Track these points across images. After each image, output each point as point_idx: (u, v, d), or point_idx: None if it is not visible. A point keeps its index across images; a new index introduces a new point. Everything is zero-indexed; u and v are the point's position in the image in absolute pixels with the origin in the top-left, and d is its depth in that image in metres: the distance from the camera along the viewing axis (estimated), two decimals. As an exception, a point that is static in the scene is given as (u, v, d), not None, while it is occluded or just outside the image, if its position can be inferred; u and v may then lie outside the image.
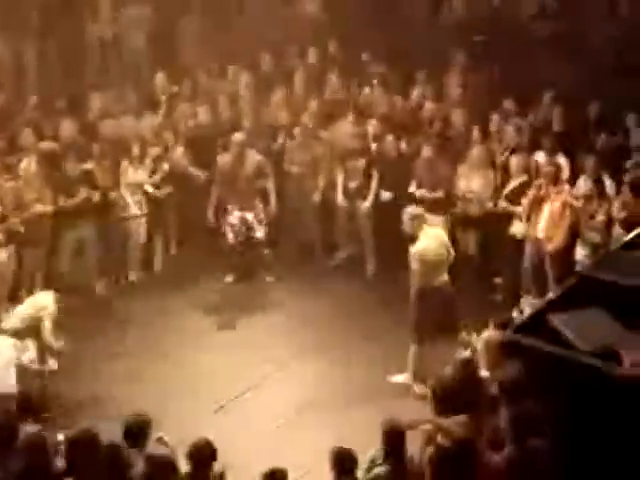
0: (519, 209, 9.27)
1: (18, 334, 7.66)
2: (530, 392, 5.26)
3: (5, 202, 9.07)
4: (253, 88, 11.20)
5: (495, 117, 10.17)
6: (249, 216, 9.84)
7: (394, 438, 5.46)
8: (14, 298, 9.24)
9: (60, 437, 5.58)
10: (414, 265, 7.94)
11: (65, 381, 7.91)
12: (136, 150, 9.99)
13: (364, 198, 10.18)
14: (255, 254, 10.08)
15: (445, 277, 8.06)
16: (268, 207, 9.99)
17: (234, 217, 9.83)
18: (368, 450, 5.59)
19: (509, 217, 9.44)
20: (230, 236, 9.87)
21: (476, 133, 9.99)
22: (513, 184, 9.45)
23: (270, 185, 10.03)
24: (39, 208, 9.18)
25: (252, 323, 9.34)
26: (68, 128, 10.02)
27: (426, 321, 7.89)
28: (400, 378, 8.11)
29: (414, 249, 7.93)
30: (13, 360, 7.38)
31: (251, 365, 8.41)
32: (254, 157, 9.95)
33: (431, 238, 7.99)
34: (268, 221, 9.97)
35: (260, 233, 9.89)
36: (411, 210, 8.21)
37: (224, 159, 9.94)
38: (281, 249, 10.55)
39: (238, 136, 9.95)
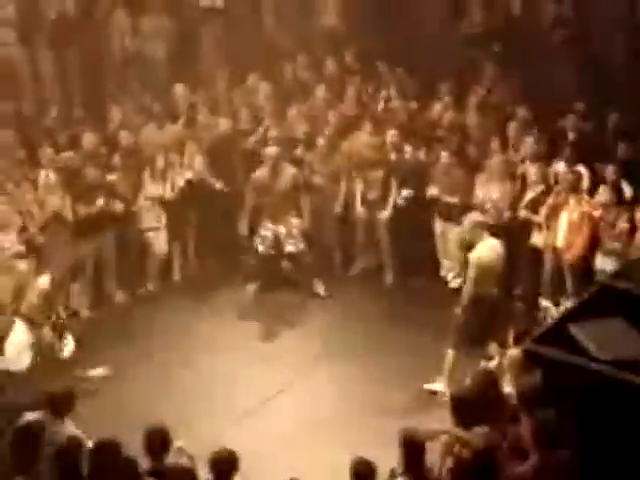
0: (538, 218, 9.25)
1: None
2: (550, 402, 5.25)
3: (26, 213, 9.15)
4: (272, 99, 11.23)
5: (513, 126, 10.17)
6: (282, 230, 9.85)
7: (413, 449, 5.44)
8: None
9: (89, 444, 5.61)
10: (470, 271, 8.03)
11: (84, 388, 7.92)
12: (159, 162, 10.04)
13: (383, 208, 10.18)
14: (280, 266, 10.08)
15: (495, 288, 8.13)
16: (301, 221, 9.99)
17: (266, 230, 9.86)
18: (385, 462, 5.57)
19: (528, 227, 9.42)
20: (260, 248, 9.86)
21: (495, 143, 9.99)
22: (531, 194, 9.44)
23: (304, 198, 10.05)
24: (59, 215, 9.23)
25: (270, 332, 9.35)
26: (90, 139, 10.09)
27: (473, 326, 7.97)
28: (436, 386, 8.10)
29: (472, 255, 8.04)
30: (29, 341, 7.53)
31: (270, 374, 8.42)
32: (289, 170, 9.96)
33: (489, 247, 8.11)
34: (301, 235, 9.93)
35: (292, 247, 9.86)
36: (474, 217, 8.31)
37: (260, 172, 9.92)
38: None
39: (272, 149, 9.94)
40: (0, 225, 8.84)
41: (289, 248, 9.84)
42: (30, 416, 5.96)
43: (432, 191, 9.92)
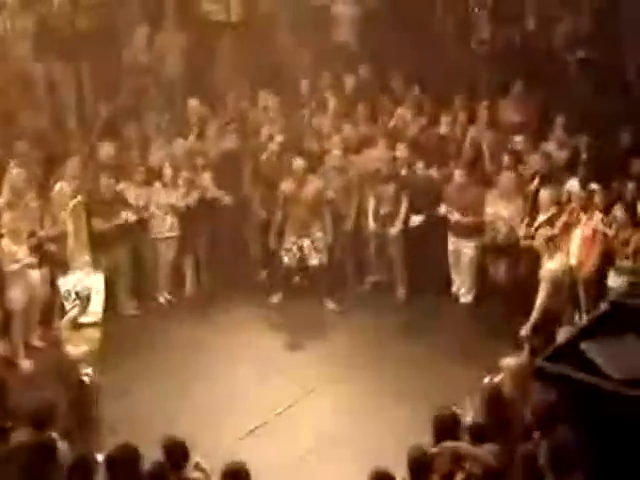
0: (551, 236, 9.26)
1: None
2: (563, 420, 5.22)
3: (39, 223, 9.20)
4: (285, 113, 11.27)
5: (520, 143, 10.17)
6: (306, 242, 9.90)
7: (419, 466, 5.41)
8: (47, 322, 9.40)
9: (99, 458, 5.59)
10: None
11: (99, 402, 7.93)
12: (168, 172, 10.11)
13: (394, 224, 10.19)
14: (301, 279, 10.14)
15: None
16: (326, 235, 10.03)
17: (290, 242, 9.90)
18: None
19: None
20: (285, 260, 9.93)
21: (507, 159, 9.99)
22: (543, 217, 9.41)
23: (327, 212, 10.11)
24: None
25: (283, 346, 9.36)
26: (106, 151, 10.15)
27: None
28: None
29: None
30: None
31: (283, 388, 8.42)
32: (315, 183, 10.02)
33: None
34: (326, 248, 10.00)
35: (315, 260, 9.91)
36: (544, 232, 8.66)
37: (287, 184, 9.99)
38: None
39: (299, 162, 10.01)
40: (13, 237, 8.87)
41: (313, 262, 9.89)
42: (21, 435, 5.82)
43: (443, 210, 9.94)
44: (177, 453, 5.57)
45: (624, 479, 5.07)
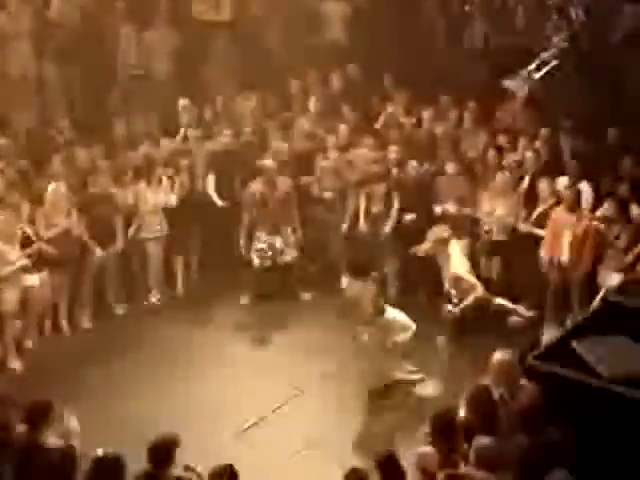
0: (541, 232, 9.26)
1: None
2: (552, 419, 5.22)
3: (34, 226, 9.17)
4: (276, 113, 11.24)
5: (509, 141, 10.24)
6: (277, 241, 9.93)
7: (389, 467, 5.39)
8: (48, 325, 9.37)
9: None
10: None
11: (87, 402, 7.90)
12: (159, 172, 10.09)
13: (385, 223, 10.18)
14: (279, 277, 10.14)
15: None
16: (296, 232, 10.11)
17: (262, 242, 9.94)
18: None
19: (533, 242, 9.39)
20: (256, 262, 9.97)
21: (491, 155, 10.03)
22: (541, 207, 9.43)
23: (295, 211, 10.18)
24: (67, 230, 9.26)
25: (274, 345, 9.36)
26: (95, 154, 10.12)
27: None
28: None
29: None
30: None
31: (273, 388, 8.38)
32: (285, 183, 10.05)
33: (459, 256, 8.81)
34: (297, 244, 10.09)
35: (289, 257, 10.01)
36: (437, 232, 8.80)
37: (256, 185, 10.02)
38: (306, 272, 10.51)
39: (269, 162, 10.05)
40: (5, 238, 8.83)
41: (285, 257, 9.96)
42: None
43: (438, 210, 9.97)
44: (160, 449, 5.54)
45: (614, 476, 5.06)
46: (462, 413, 5.76)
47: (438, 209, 9.99)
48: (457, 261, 9.10)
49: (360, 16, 12.29)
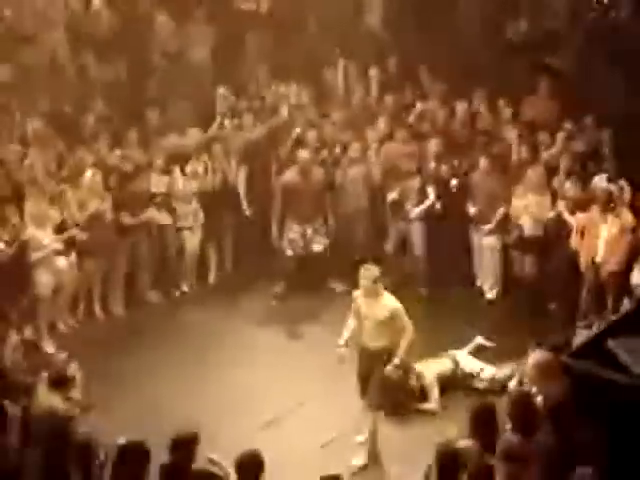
0: (572, 219, 9.22)
1: None
2: (584, 418, 5.18)
3: (68, 210, 9.24)
4: (314, 103, 11.24)
5: (543, 138, 10.13)
6: (309, 230, 9.94)
7: (450, 463, 5.34)
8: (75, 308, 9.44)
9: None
10: None
11: (118, 388, 7.95)
12: (191, 162, 10.13)
13: (419, 217, 10.14)
14: (311, 267, 10.13)
15: None
16: (329, 222, 10.10)
17: (294, 232, 9.94)
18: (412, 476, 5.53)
19: (566, 239, 9.31)
20: (289, 252, 9.98)
21: (525, 152, 9.96)
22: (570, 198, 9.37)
23: (330, 199, 10.19)
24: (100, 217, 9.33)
25: (305, 335, 9.38)
26: (132, 141, 10.18)
27: None
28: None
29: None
30: None
31: (303, 378, 8.37)
32: (318, 172, 10.05)
33: None
34: (328, 234, 10.09)
35: (319, 246, 9.99)
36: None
37: (290, 175, 10.02)
38: (332, 264, 10.48)
39: (304, 152, 10.06)
40: (38, 222, 8.91)
41: (316, 247, 9.94)
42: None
43: (471, 208, 9.93)
44: (183, 445, 5.53)
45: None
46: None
47: (472, 210, 9.95)
48: None
49: (399, 6, 12.23)
